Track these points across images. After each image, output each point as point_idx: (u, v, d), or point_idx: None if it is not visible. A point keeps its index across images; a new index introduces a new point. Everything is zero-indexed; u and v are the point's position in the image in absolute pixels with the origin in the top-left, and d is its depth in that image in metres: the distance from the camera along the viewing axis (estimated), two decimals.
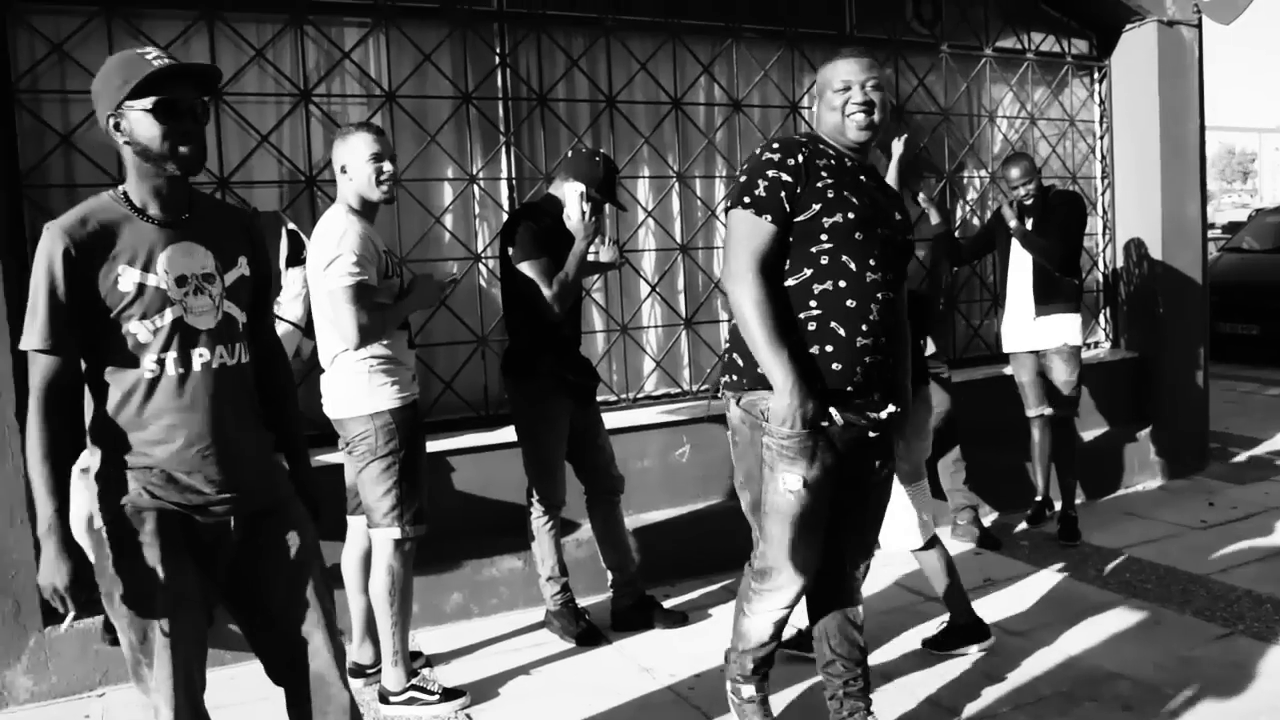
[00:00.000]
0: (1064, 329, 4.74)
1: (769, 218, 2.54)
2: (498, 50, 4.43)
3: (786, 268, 2.60)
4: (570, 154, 3.76)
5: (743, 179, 2.61)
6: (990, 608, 3.89)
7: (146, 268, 2.02)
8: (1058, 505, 4.91)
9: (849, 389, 2.59)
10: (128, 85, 1.98)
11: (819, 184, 2.55)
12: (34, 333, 1.98)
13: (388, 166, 3.17)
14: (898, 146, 4.75)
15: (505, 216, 4.21)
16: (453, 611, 4.03)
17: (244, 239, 2.24)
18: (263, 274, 2.29)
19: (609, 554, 3.94)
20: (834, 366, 2.56)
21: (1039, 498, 5.05)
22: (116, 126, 2.02)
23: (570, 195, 3.57)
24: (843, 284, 2.55)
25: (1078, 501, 4.91)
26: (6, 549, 3.44)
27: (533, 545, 3.83)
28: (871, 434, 2.69)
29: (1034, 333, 4.80)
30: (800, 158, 2.56)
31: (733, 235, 2.60)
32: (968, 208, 5.84)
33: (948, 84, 5.58)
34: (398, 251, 4.03)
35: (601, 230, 3.65)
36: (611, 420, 4.19)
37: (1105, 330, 6.20)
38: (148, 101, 1.99)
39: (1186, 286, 5.87)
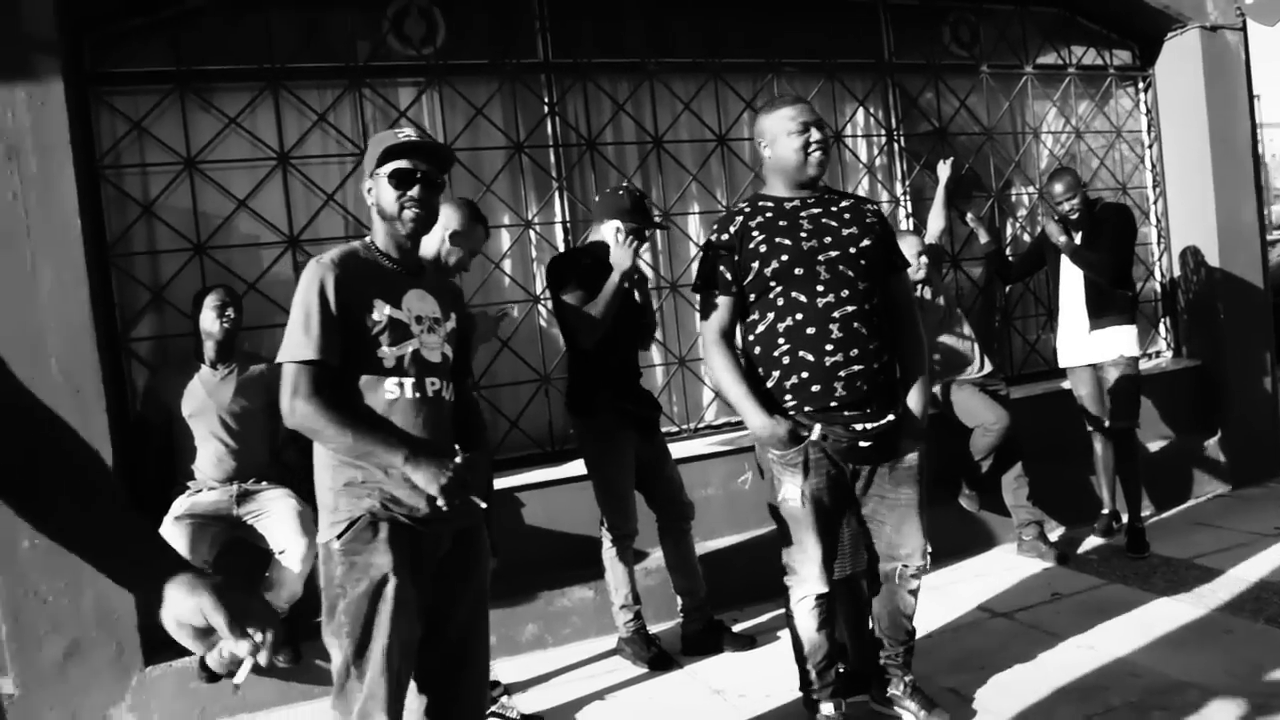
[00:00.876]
0: (1119, 341, 4.74)
1: (716, 292, 2.96)
2: (546, 100, 4.62)
3: (754, 318, 2.97)
4: (598, 198, 3.91)
5: (699, 264, 3.07)
6: (1058, 621, 3.91)
7: (395, 304, 2.33)
8: (1126, 518, 4.89)
9: (833, 404, 2.86)
10: (374, 157, 2.35)
11: (751, 245, 2.91)
12: (308, 346, 2.24)
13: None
14: (944, 169, 4.83)
15: None
16: (528, 642, 4.16)
17: (453, 299, 2.55)
18: (464, 330, 2.58)
19: (679, 580, 4.04)
20: (813, 389, 2.86)
21: (1106, 510, 5.03)
22: (370, 190, 2.39)
23: (608, 234, 3.72)
24: (799, 316, 2.88)
25: (1146, 513, 4.89)
26: (107, 594, 3.65)
27: (606, 575, 3.94)
28: (863, 444, 2.90)
29: (1089, 346, 4.82)
30: (732, 229, 2.96)
31: (701, 312, 3.05)
32: (1017, 225, 5.87)
33: (989, 103, 5.65)
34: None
35: (637, 269, 3.75)
36: (674, 450, 4.29)
37: (1166, 340, 6.16)
38: (387, 170, 2.34)
39: (1246, 290, 5.82)
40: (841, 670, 3.20)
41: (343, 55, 4.32)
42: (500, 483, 4.29)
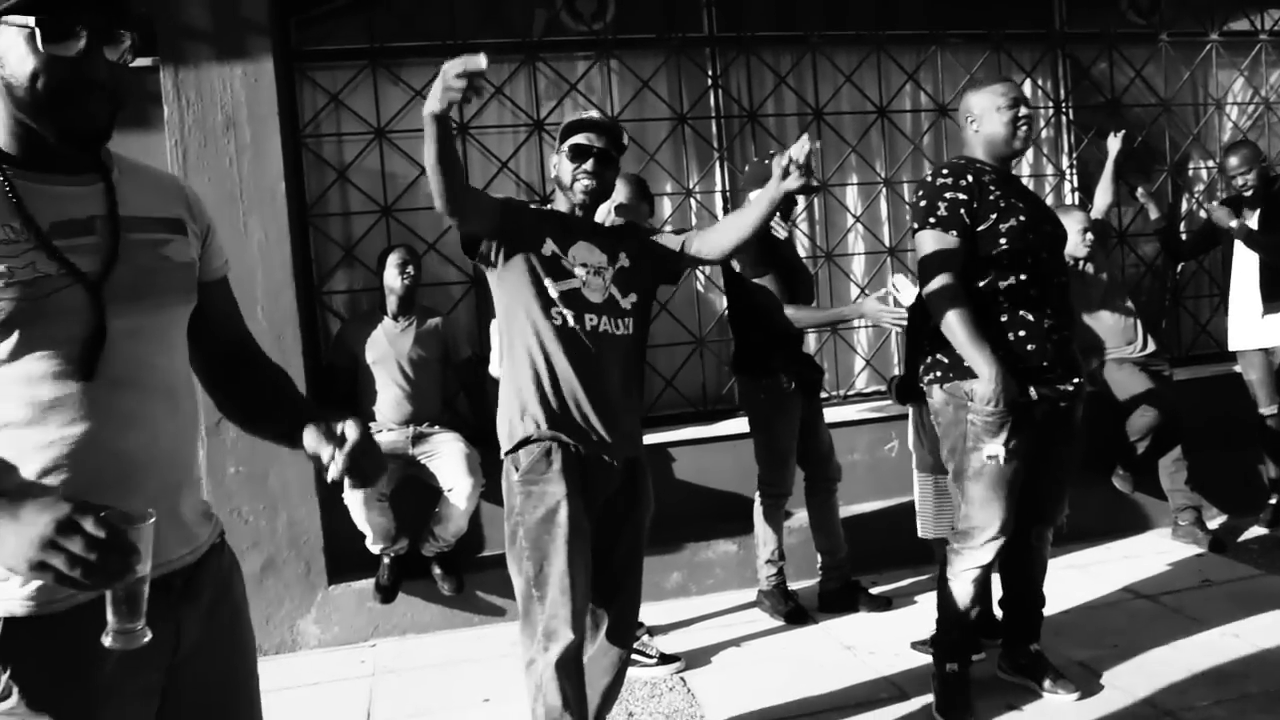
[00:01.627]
0: None
1: (954, 233, 2.94)
2: (710, 72, 4.78)
3: (975, 271, 2.98)
4: (747, 168, 4.05)
5: (922, 203, 3.01)
6: (1204, 608, 3.85)
7: (561, 248, 2.59)
8: None
9: (1044, 364, 2.97)
10: (560, 134, 2.67)
11: (990, 197, 2.97)
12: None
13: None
14: (1114, 143, 4.72)
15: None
16: (673, 589, 4.39)
17: (629, 242, 2.73)
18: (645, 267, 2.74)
19: (821, 539, 4.19)
20: (1029, 348, 2.97)
21: (1273, 501, 4.86)
22: (555, 164, 2.69)
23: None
24: (1024, 276, 2.96)
25: None
26: (299, 520, 4.10)
27: (756, 529, 4.13)
28: (1061, 404, 3.04)
29: (1263, 329, 4.64)
30: (970, 178, 2.98)
31: (922, 251, 3.00)
32: (1193, 200, 5.65)
33: (1168, 73, 5.44)
34: None
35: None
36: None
37: None
38: (567, 146, 2.63)
39: None
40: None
41: (519, 31, 4.60)
42: (654, 438, 4.53)
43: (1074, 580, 4.31)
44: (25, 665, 1.35)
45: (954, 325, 2.93)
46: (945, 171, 3.03)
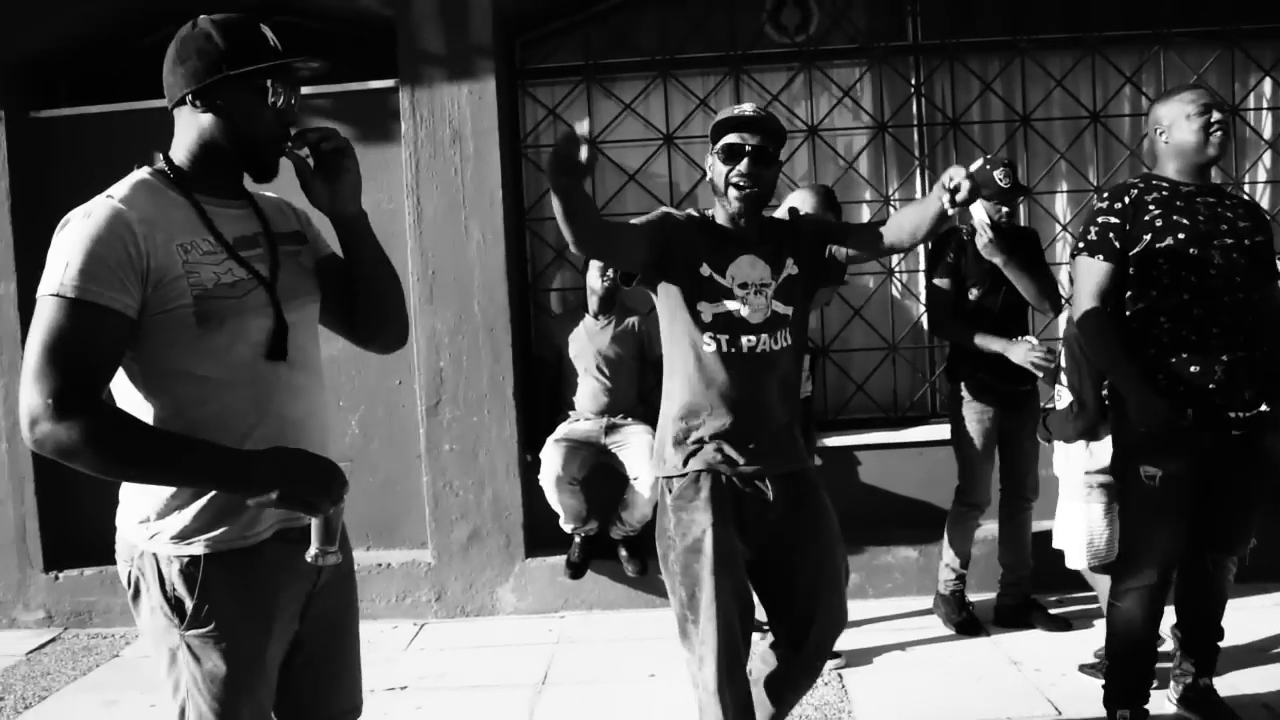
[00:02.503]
0: None
1: (1101, 257, 2.93)
2: (913, 81, 4.80)
3: (1134, 293, 2.96)
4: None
5: (1083, 230, 3.01)
6: None
7: (717, 268, 2.47)
8: None
9: (1211, 387, 2.86)
10: (710, 133, 2.51)
11: (1146, 217, 2.92)
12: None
13: None
14: None
15: None
16: (850, 590, 4.44)
17: (798, 242, 2.58)
18: (814, 270, 2.60)
19: (1006, 553, 4.15)
20: (1191, 369, 2.88)
21: None
22: (710, 165, 2.54)
23: (976, 214, 3.87)
24: (1186, 296, 2.88)
25: None
26: (503, 496, 4.52)
27: (945, 535, 4.13)
28: (1235, 431, 2.90)
29: None
30: (1126, 200, 2.95)
31: (1076, 276, 3.03)
32: None
33: None
34: None
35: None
36: None
37: None
38: (718, 147, 2.47)
39: None
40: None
41: (725, 45, 4.81)
42: (841, 440, 4.65)
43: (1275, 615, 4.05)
44: (217, 596, 1.73)
45: (1099, 350, 2.97)
46: (1106, 194, 3.03)
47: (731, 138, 2.44)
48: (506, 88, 4.67)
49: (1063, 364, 3.44)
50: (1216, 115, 2.92)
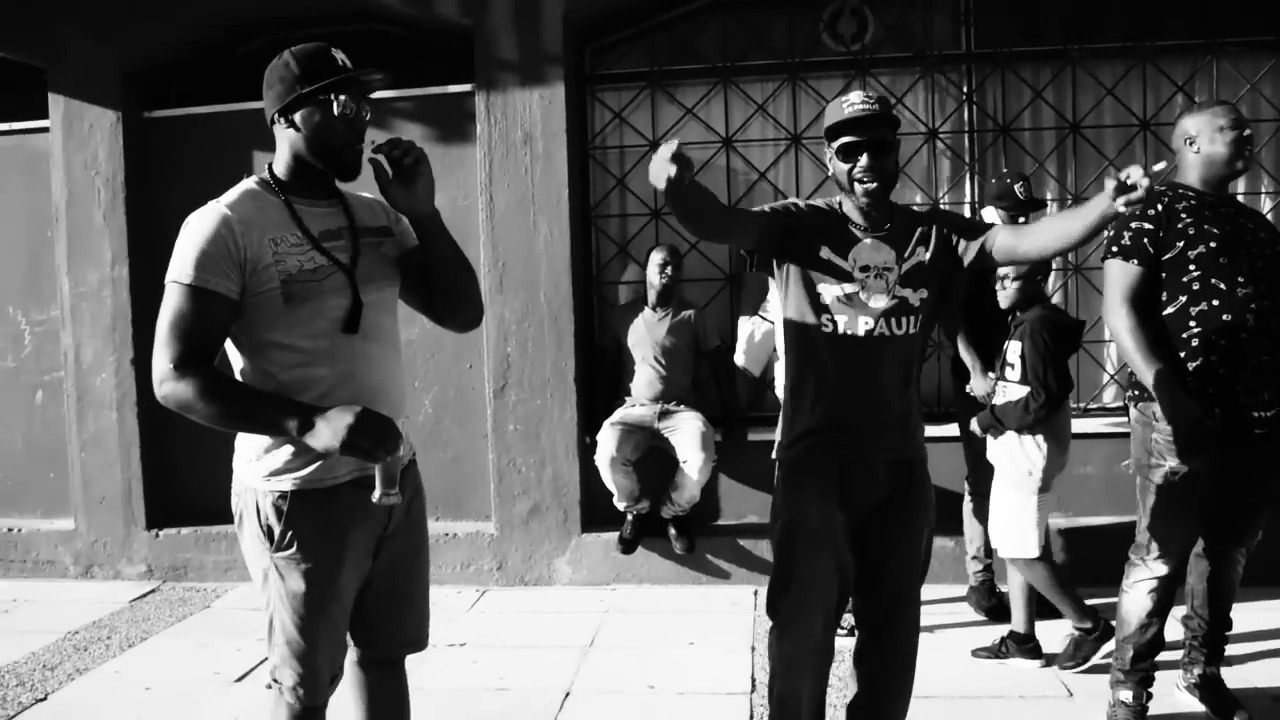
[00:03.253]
0: None
1: (1135, 261, 3.08)
2: (965, 88, 4.97)
3: (1165, 298, 3.10)
4: (992, 181, 4.21)
5: (1111, 231, 3.15)
6: None
7: (839, 251, 2.51)
8: None
9: (1238, 388, 3.02)
10: (826, 129, 2.51)
11: (1179, 224, 3.05)
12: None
13: None
14: None
15: None
16: None
17: (932, 229, 2.57)
18: (947, 259, 2.57)
19: None
20: (1220, 372, 3.03)
21: None
22: (830, 159, 2.54)
23: (989, 216, 4.09)
24: (1215, 302, 3.02)
25: None
26: (562, 474, 4.84)
27: (965, 527, 4.35)
28: (1257, 430, 3.05)
29: None
30: (1159, 207, 3.08)
31: (1108, 279, 3.15)
32: None
33: None
34: None
35: None
36: None
37: None
38: (835, 147, 2.49)
39: None
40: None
41: (782, 53, 5.05)
42: None
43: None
44: (300, 525, 2.11)
45: (1128, 347, 3.09)
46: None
47: (847, 138, 2.44)
48: (576, 92, 4.98)
49: (1011, 360, 3.62)
50: (1246, 131, 3.08)
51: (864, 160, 2.43)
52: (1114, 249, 3.14)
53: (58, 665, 4.10)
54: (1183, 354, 3.06)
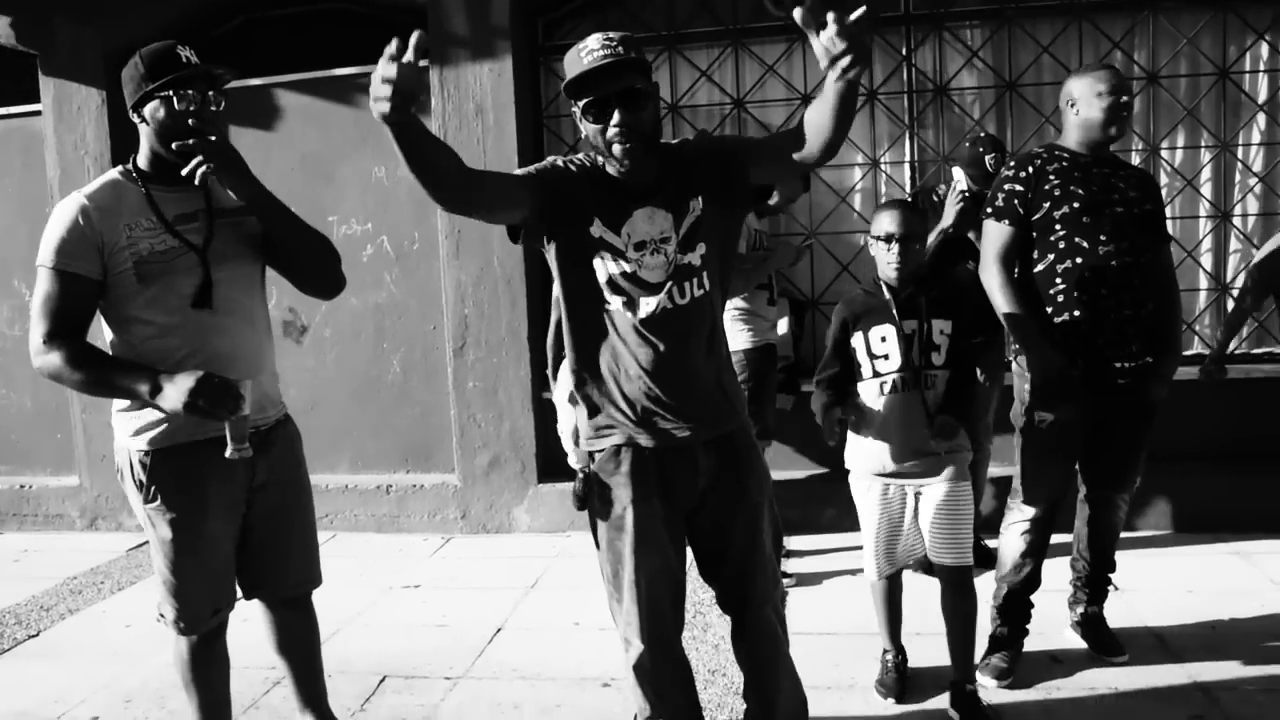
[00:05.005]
0: None
1: (1006, 222, 3.26)
2: (903, 50, 5.09)
3: (1035, 256, 3.27)
4: (965, 144, 4.31)
5: (990, 195, 3.33)
6: None
7: (611, 226, 2.23)
8: None
9: (1100, 343, 3.18)
10: (568, 85, 2.16)
11: (1046, 186, 3.21)
12: None
13: None
14: None
15: (909, 198, 4.90)
16: (827, 523, 4.89)
17: (700, 173, 2.28)
18: (723, 201, 2.32)
19: None
20: (1083, 327, 3.19)
21: None
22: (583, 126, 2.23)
23: (958, 178, 4.21)
24: (1079, 260, 3.18)
25: None
26: (519, 428, 5.13)
27: None
28: (1120, 380, 3.22)
29: None
30: (1030, 169, 3.24)
31: (983, 238, 3.33)
32: None
33: None
34: (809, 224, 5.02)
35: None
36: None
37: None
38: (579, 107, 2.17)
39: None
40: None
41: (726, 20, 5.20)
42: None
43: (1230, 566, 4.32)
44: (162, 479, 2.42)
45: (999, 302, 3.26)
46: (1013, 162, 3.33)
47: (589, 96, 2.13)
48: (529, 64, 5.20)
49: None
50: (1124, 98, 3.18)
51: (616, 117, 2.11)
52: (989, 210, 3.31)
53: (53, 606, 4.52)
54: (1050, 309, 3.23)
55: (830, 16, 1.86)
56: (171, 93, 2.29)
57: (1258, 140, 4.99)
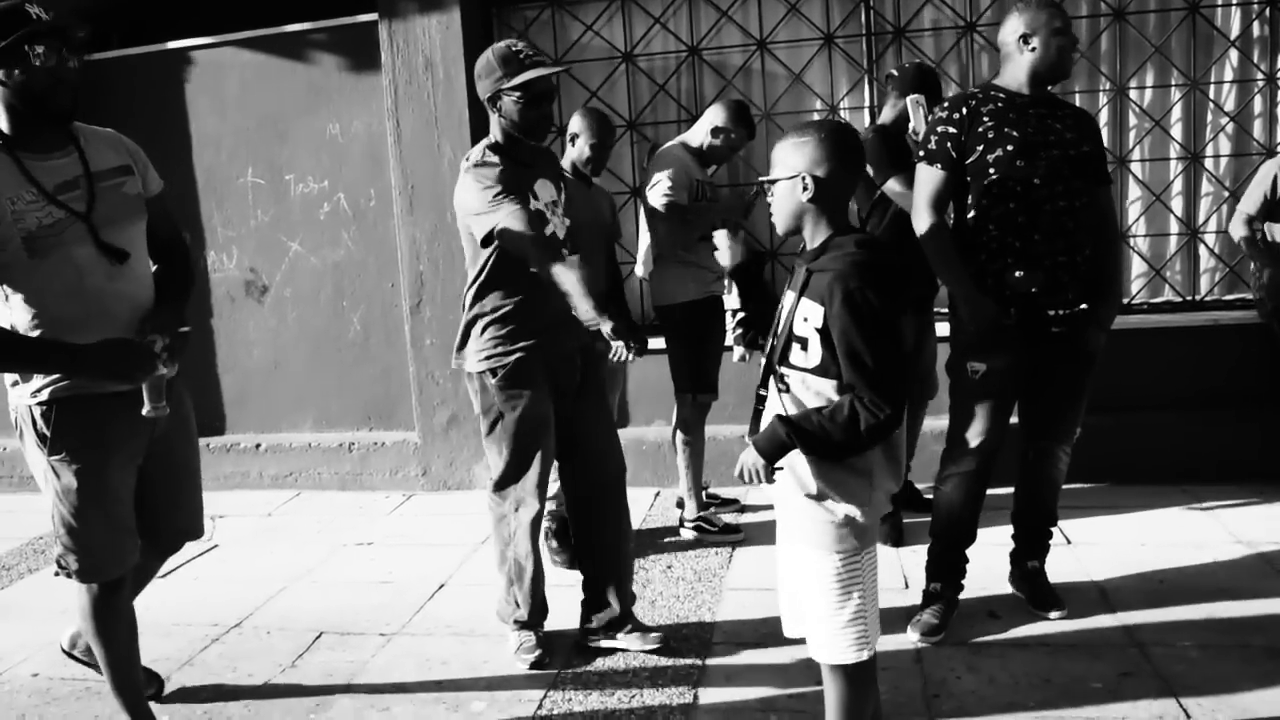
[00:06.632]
0: None
1: (938, 166, 3.15)
2: None
3: (969, 201, 3.17)
4: (897, 73, 4.11)
5: (923, 137, 3.22)
6: None
7: (534, 195, 3.03)
8: None
9: (1034, 290, 3.08)
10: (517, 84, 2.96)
11: (980, 129, 3.09)
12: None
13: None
14: None
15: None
16: None
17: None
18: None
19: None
20: (1017, 274, 3.10)
21: None
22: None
23: (911, 108, 4.07)
24: (1012, 205, 3.08)
25: None
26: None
27: None
28: (1055, 329, 3.13)
29: None
30: (964, 110, 3.12)
31: (916, 184, 3.23)
32: None
33: None
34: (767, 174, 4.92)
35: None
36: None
37: None
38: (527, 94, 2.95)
39: None
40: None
41: None
42: None
43: (1188, 518, 4.26)
44: (66, 431, 2.45)
45: (932, 254, 3.19)
46: (946, 104, 3.20)
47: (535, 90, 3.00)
48: (481, 17, 5.11)
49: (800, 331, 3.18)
50: (1072, 35, 3.08)
51: (547, 109, 2.99)
52: (920, 153, 3.21)
53: (14, 566, 4.59)
54: (983, 256, 3.14)
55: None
56: (28, 48, 2.26)
57: (1230, 78, 4.83)
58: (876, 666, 2.23)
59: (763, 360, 2.25)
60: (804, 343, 2.09)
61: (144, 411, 2.35)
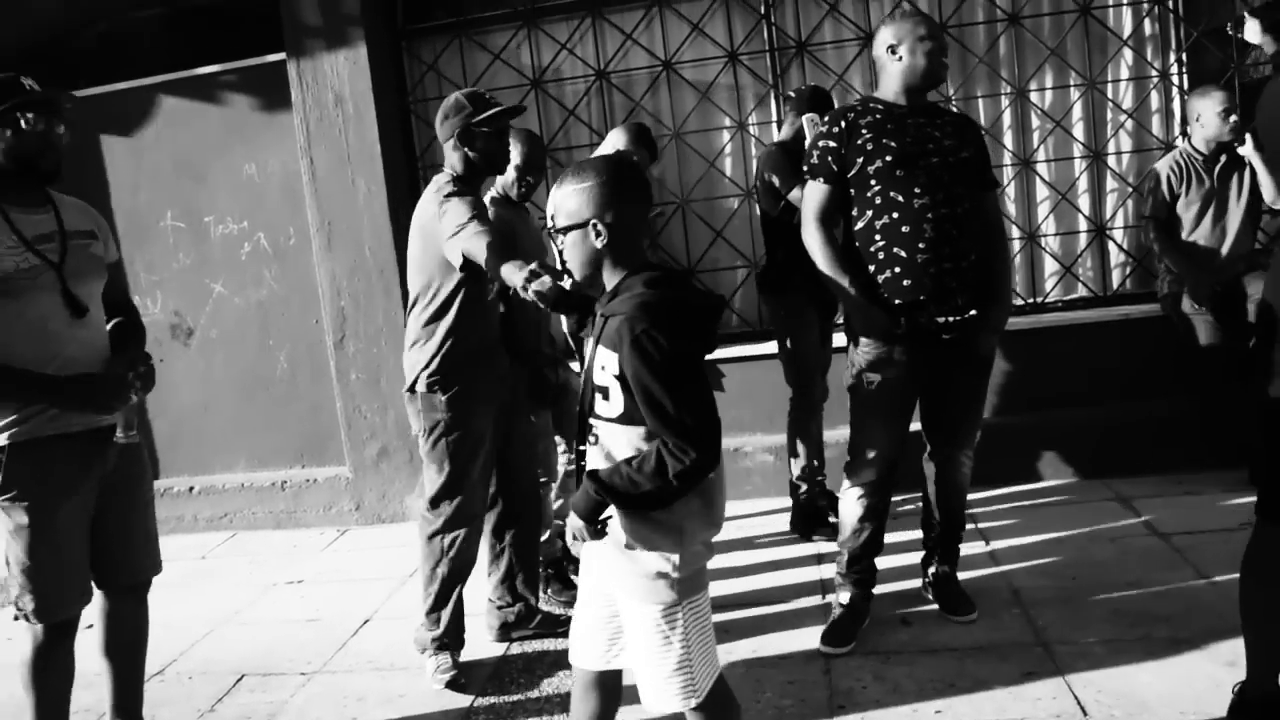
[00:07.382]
0: None
1: (822, 179, 3.21)
2: (761, 9, 5.01)
3: (855, 213, 3.21)
4: (794, 94, 4.25)
5: (806, 153, 3.32)
6: (1213, 552, 3.71)
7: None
8: None
9: (922, 298, 3.12)
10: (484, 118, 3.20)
11: (859, 141, 3.14)
12: None
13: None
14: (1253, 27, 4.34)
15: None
16: None
17: None
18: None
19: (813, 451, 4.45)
20: (904, 283, 3.13)
21: None
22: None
23: (806, 126, 4.13)
24: (895, 215, 3.12)
25: None
26: (404, 417, 5.07)
27: (789, 445, 4.46)
28: (945, 336, 3.16)
29: None
30: (843, 124, 3.18)
31: (804, 197, 3.29)
32: None
33: None
34: (680, 193, 4.97)
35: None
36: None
37: None
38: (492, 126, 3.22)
39: None
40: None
41: None
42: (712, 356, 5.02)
43: (1107, 512, 4.33)
44: (17, 473, 2.51)
45: (820, 262, 3.24)
46: (826, 119, 3.27)
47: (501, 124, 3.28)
48: (390, 48, 5.15)
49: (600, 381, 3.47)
50: (941, 44, 3.14)
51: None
52: (805, 168, 3.27)
53: None
54: (871, 267, 3.17)
55: None
56: (18, 115, 2.46)
57: (1125, 76, 4.93)
58: (727, 689, 2.17)
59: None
60: (604, 392, 1.98)
61: (116, 437, 2.59)
